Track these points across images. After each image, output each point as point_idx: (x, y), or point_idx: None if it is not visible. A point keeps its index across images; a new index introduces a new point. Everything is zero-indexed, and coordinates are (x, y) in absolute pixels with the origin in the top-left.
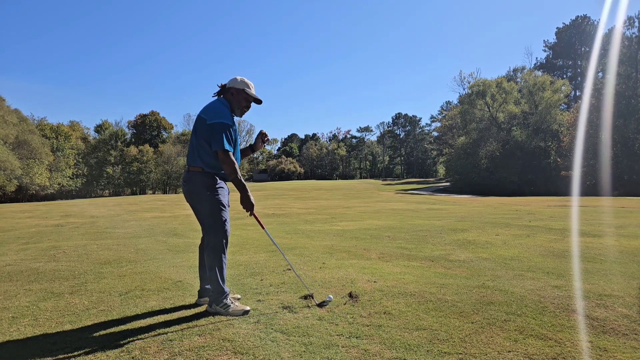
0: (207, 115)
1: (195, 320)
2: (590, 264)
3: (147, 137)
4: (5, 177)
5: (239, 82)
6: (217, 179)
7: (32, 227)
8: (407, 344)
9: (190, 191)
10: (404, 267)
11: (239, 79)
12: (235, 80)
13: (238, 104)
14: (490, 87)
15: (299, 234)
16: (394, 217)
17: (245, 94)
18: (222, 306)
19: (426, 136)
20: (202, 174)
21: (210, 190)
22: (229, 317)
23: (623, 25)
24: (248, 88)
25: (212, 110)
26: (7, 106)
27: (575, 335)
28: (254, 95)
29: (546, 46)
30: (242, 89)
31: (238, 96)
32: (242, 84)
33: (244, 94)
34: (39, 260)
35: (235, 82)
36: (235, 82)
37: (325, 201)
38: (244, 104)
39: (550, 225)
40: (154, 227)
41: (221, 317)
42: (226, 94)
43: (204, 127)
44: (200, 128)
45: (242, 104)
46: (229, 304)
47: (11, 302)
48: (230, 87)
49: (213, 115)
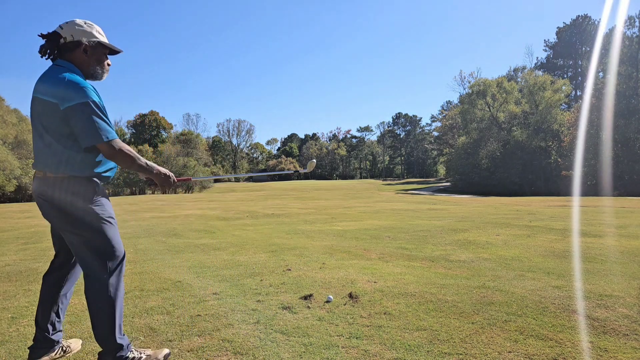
0: (56, 94)
1: (195, 320)
2: (591, 264)
3: (147, 137)
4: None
5: (87, 31)
6: (94, 184)
7: (31, 227)
8: (407, 345)
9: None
10: (404, 268)
11: (84, 24)
12: (81, 28)
13: (99, 62)
14: (491, 87)
15: (299, 234)
16: (394, 217)
17: (103, 48)
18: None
19: (426, 136)
20: (69, 181)
21: (90, 201)
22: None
23: (624, 25)
24: (102, 36)
25: (61, 87)
26: (6, 106)
27: (576, 335)
28: (113, 46)
29: (547, 46)
30: (98, 41)
31: (96, 52)
32: (95, 33)
33: (102, 48)
34: (39, 260)
35: (83, 30)
36: (83, 32)
37: (325, 201)
38: (104, 60)
39: (550, 225)
40: (154, 228)
41: (221, 318)
42: (72, 52)
43: (53, 116)
44: (48, 116)
45: (103, 60)
46: (136, 357)
47: (11, 302)
48: (79, 40)
49: (67, 92)
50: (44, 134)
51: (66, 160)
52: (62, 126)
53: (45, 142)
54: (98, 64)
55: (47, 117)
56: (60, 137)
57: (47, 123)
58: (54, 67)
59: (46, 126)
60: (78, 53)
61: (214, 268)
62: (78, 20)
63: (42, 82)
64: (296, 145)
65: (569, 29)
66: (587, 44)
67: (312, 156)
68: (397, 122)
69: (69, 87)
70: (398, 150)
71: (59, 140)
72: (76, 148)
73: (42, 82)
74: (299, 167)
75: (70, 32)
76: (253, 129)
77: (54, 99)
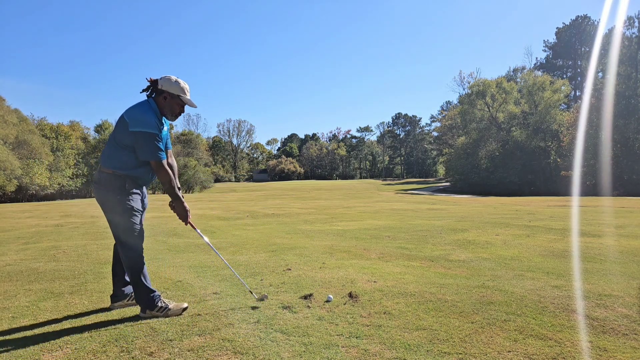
0: (131, 120)
1: (195, 320)
2: (590, 264)
3: None
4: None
5: (173, 86)
6: (128, 182)
7: (32, 227)
8: (407, 344)
9: (100, 194)
10: (404, 267)
11: (174, 80)
12: (169, 82)
13: (171, 110)
14: (490, 87)
15: (299, 234)
16: (394, 217)
17: (179, 100)
18: (158, 310)
19: (426, 136)
20: (112, 176)
21: (121, 194)
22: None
23: (623, 25)
24: (184, 94)
25: (136, 116)
26: (7, 106)
27: (575, 335)
28: (189, 102)
29: (546, 46)
30: (177, 95)
31: (172, 101)
32: (177, 88)
33: (178, 100)
34: (39, 260)
35: (170, 84)
36: (169, 85)
37: (325, 201)
38: (177, 110)
39: (550, 225)
40: (154, 227)
41: (221, 318)
42: (158, 96)
43: (124, 132)
44: (121, 131)
45: (176, 110)
46: (165, 306)
47: (11, 302)
48: (165, 90)
49: (136, 122)
50: (113, 140)
51: (115, 161)
52: (125, 140)
53: (110, 146)
54: (171, 110)
55: (120, 131)
56: (119, 145)
57: (118, 134)
58: (144, 101)
59: (116, 136)
60: (161, 98)
61: (214, 268)
62: (172, 77)
63: (131, 107)
64: (296, 145)
65: (568, 29)
66: (587, 44)
67: (312, 156)
68: (396, 122)
69: (140, 118)
70: (398, 150)
71: (116, 147)
72: (124, 155)
73: (131, 107)
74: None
75: (162, 83)
76: (253, 129)
77: (129, 121)
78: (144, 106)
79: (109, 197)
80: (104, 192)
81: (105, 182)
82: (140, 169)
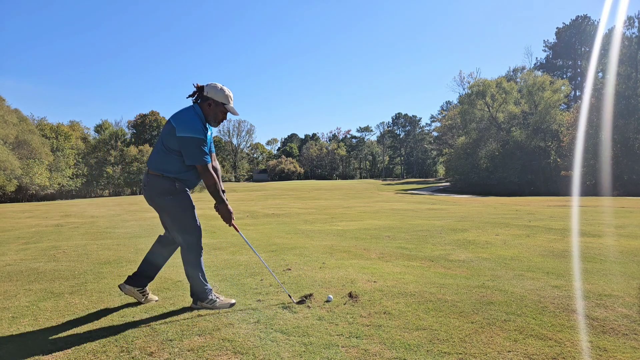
0: (178, 125)
1: (196, 320)
2: (590, 264)
3: (147, 137)
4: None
5: (219, 94)
6: (177, 184)
7: (32, 227)
8: (407, 344)
9: (151, 196)
10: (403, 267)
11: (219, 88)
12: (215, 90)
13: (215, 117)
14: (490, 87)
15: (299, 234)
16: (393, 217)
17: (223, 108)
18: (208, 302)
19: (426, 136)
20: (161, 178)
21: (173, 194)
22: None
23: (623, 25)
24: (228, 102)
25: (183, 122)
26: (7, 106)
27: (575, 335)
28: (232, 110)
29: (546, 46)
30: (221, 103)
31: (216, 109)
32: (222, 97)
33: (222, 107)
34: (39, 260)
35: (216, 92)
36: (215, 93)
37: (325, 201)
38: (220, 117)
39: (550, 225)
40: (154, 227)
41: (221, 318)
42: (203, 102)
43: (172, 136)
44: (168, 135)
45: (219, 117)
46: (214, 299)
47: (11, 302)
48: (210, 97)
49: (184, 127)
50: (160, 144)
51: (163, 164)
52: (172, 144)
53: (158, 150)
54: (215, 117)
55: (167, 135)
56: (167, 150)
57: (165, 138)
58: (190, 107)
59: (163, 139)
60: (206, 104)
61: (215, 268)
62: (217, 84)
63: (178, 112)
64: (296, 145)
65: (568, 29)
66: (587, 44)
67: (312, 156)
68: (396, 122)
69: (187, 123)
70: (398, 150)
71: (164, 151)
72: (172, 159)
73: (178, 112)
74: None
75: (208, 90)
76: (253, 129)
77: (176, 126)
78: (190, 112)
79: (162, 199)
80: (156, 194)
81: (155, 184)
82: (187, 172)
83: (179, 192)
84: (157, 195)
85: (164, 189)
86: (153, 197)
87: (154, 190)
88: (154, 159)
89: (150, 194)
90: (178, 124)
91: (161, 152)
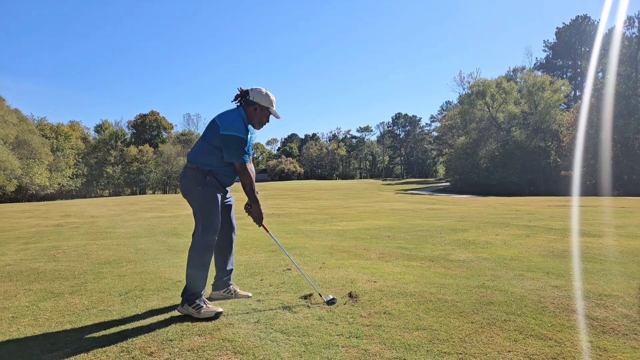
0: (222, 124)
1: (195, 320)
2: (590, 264)
3: (147, 137)
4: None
5: (265, 99)
6: (208, 177)
7: (32, 227)
8: (407, 344)
9: (184, 186)
10: (403, 267)
11: (264, 93)
12: (260, 94)
13: (259, 121)
14: (490, 87)
15: (299, 233)
16: (393, 217)
17: (267, 112)
18: (194, 307)
19: (426, 136)
20: (196, 170)
21: (202, 185)
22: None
23: (623, 25)
24: (272, 106)
25: (227, 121)
26: (7, 106)
27: (575, 335)
28: (275, 114)
29: (546, 46)
30: (267, 108)
31: (261, 113)
32: (267, 101)
33: (267, 111)
34: (39, 260)
35: (261, 97)
36: (260, 97)
37: (325, 201)
38: (265, 121)
39: (550, 225)
40: (154, 227)
41: (221, 318)
42: (248, 106)
43: (215, 134)
44: (211, 133)
45: (264, 121)
46: (201, 305)
47: (11, 302)
48: (256, 102)
49: (228, 126)
50: (202, 141)
51: (201, 158)
52: (215, 141)
53: (198, 146)
54: (259, 121)
55: (210, 133)
56: (209, 146)
57: (208, 135)
58: (234, 109)
59: (206, 137)
60: (251, 109)
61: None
62: (262, 89)
63: (223, 113)
64: (296, 145)
65: (568, 29)
66: (587, 44)
67: (312, 156)
68: (396, 122)
69: (231, 123)
70: (398, 150)
71: (206, 147)
72: (211, 155)
73: (223, 113)
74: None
75: (253, 94)
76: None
77: (220, 124)
78: (235, 113)
79: (191, 188)
80: (187, 184)
81: (189, 176)
82: (222, 167)
83: (209, 185)
84: (189, 186)
85: (196, 179)
86: (185, 188)
87: (187, 181)
88: (192, 153)
89: (183, 185)
90: (222, 122)
91: (201, 148)
